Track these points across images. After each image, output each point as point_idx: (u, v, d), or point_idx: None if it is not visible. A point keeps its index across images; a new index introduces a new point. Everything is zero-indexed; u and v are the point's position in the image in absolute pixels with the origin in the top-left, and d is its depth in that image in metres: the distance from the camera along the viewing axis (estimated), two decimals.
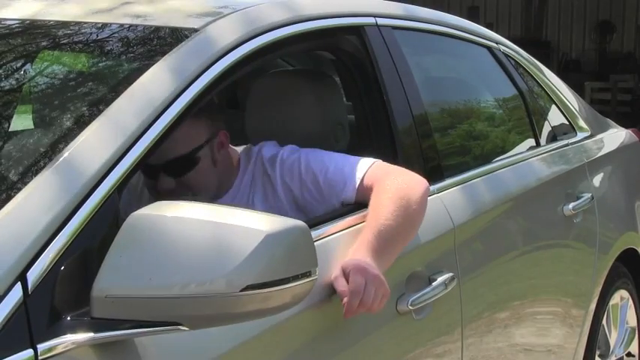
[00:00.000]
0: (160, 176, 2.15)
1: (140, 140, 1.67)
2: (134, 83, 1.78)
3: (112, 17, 2.18)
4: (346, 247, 2.03)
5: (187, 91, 1.82)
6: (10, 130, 2.01)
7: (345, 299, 1.87)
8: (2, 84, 2.12)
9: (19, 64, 2.17)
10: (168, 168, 2.14)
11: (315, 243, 1.71)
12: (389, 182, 2.14)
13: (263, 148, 2.30)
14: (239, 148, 2.36)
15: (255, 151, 2.31)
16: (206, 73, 1.88)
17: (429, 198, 2.37)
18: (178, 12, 2.17)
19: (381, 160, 2.25)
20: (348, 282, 1.89)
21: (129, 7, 2.25)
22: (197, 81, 1.85)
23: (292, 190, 2.23)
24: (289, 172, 2.23)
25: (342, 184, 2.19)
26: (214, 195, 2.24)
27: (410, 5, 2.87)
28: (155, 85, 1.79)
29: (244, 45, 2.01)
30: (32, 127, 1.99)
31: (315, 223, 2.02)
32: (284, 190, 2.24)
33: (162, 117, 1.73)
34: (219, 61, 1.93)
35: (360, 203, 2.17)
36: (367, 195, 2.15)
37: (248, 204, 2.23)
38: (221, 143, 2.26)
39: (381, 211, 2.07)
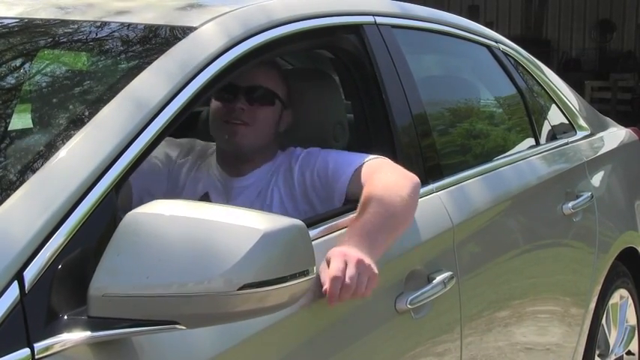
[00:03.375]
0: (238, 96, 2.31)
1: (138, 139, 1.67)
2: (132, 82, 1.78)
3: (109, 15, 2.18)
4: None
5: (186, 89, 1.81)
6: (7, 129, 2.00)
7: (326, 286, 1.84)
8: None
9: (15, 64, 2.17)
10: (250, 91, 2.32)
11: (314, 242, 1.71)
12: (378, 177, 2.17)
13: (299, 148, 2.40)
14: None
15: (293, 149, 2.40)
16: (205, 71, 1.88)
17: (428, 197, 2.38)
18: (175, 10, 2.16)
19: (383, 158, 2.27)
20: None
21: (126, 5, 2.25)
22: (196, 79, 1.85)
23: (305, 180, 2.30)
24: (306, 162, 2.32)
25: (338, 178, 2.23)
26: (245, 161, 2.35)
27: (409, 4, 2.87)
28: (153, 83, 1.79)
29: (243, 43, 2.01)
30: (29, 126, 1.98)
31: (313, 221, 2.02)
32: (298, 181, 2.30)
33: (160, 115, 1.73)
34: (217, 60, 1.93)
35: (352, 198, 2.18)
36: (359, 189, 2.17)
37: (269, 191, 2.31)
38: (287, 116, 2.41)
39: (367, 204, 2.08)
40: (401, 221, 2.14)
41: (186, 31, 1.97)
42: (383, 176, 2.18)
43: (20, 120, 2.07)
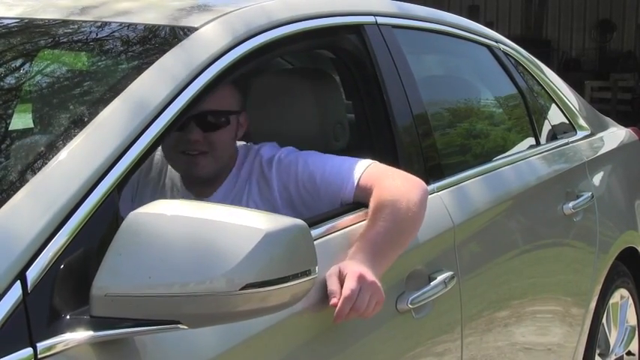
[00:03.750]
0: (190, 126, 2.18)
1: (140, 138, 1.67)
2: (133, 82, 1.78)
3: (109, 14, 2.18)
4: (346, 246, 2.03)
5: (187, 89, 1.82)
6: (9, 129, 2.01)
7: (335, 301, 1.85)
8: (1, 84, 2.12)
9: (16, 64, 2.17)
10: (201, 119, 2.19)
11: (315, 242, 1.71)
12: (387, 184, 2.13)
13: (262, 148, 2.31)
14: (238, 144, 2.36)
15: (254, 149, 2.32)
16: (205, 71, 1.88)
17: (429, 197, 2.37)
18: (177, 10, 2.16)
19: (376, 162, 2.24)
20: (342, 284, 1.87)
21: (125, 5, 2.25)
22: (197, 80, 1.85)
23: (289, 190, 2.22)
24: (286, 171, 2.23)
25: (339, 183, 2.18)
26: (210, 184, 2.27)
27: (410, 4, 2.87)
28: (154, 83, 1.79)
29: (244, 44, 2.01)
30: (31, 126, 1.99)
31: (315, 221, 2.02)
32: (280, 190, 2.23)
33: (162, 115, 1.73)
34: (219, 60, 1.93)
35: (358, 202, 2.17)
36: (365, 195, 2.15)
37: (242, 203, 2.24)
38: (244, 121, 2.32)
39: (379, 214, 2.06)
40: (409, 236, 2.13)
41: (187, 31, 1.97)
42: (391, 184, 2.14)
43: (21, 120, 2.07)
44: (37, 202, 1.50)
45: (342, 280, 1.89)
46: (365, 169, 2.18)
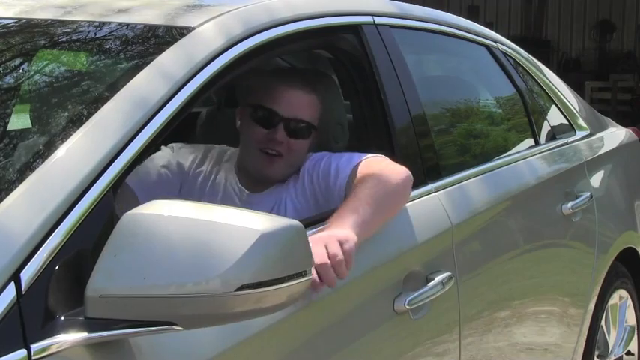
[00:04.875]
0: (278, 127, 2.31)
1: (135, 139, 1.67)
2: (129, 82, 1.77)
3: (108, 14, 2.18)
4: None
5: (183, 89, 1.81)
6: (5, 129, 2.00)
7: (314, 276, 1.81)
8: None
9: (13, 63, 2.17)
10: (291, 123, 2.32)
11: None
12: (372, 168, 2.19)
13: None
14: None
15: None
16: (203, 71, 1.88)
17: (427, 197, 2.38)
18: (174, 9, 2.16)
19: (381, 156, 2.27)
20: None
21: (124, 4, 2.25)
22: (194, 79, 1.85)
23: (313, 186, 2.31)
24: (312, 168, 2.32)
25: (338, 177, 2.24)
26: (267, 183, 2.35)
27: (408, 4, 2.86)
28: (150, 83, 1.79)
29: (241, 43, 2.01)
30: (27, 126, 1.98)
31: (312, 221, 2.01)
32: (308, 187, 2.31)
33: (157, 116, 1.73)
34: (216, 60, 1.92)
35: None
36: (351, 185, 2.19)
37: (282, 201, 2.32)
38: (316, 137, 2.41)
39: (356, 187, 2.11)
40: (390, 202, 2.15)
41: (185, 30, 1.97)
42: (375, 167, 2.21)
43: (18, 120, 2.07)
44: (32, 202, 1.49)
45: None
46: (359, 162, 2.23)
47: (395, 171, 2.20)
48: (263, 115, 2.33)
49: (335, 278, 1.84)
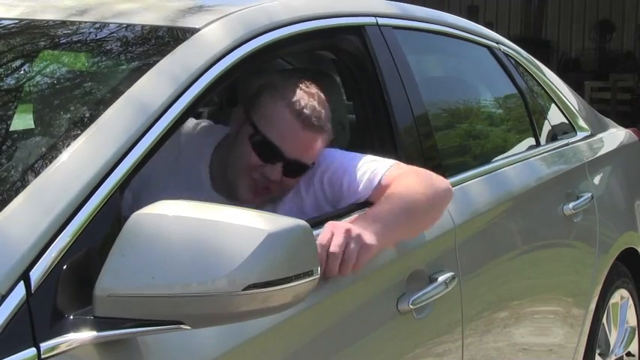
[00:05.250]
0: (276, 164, 2.15)
1: (142, 139, 1.68)
2: (135, 83, 1.78)
3: (110, 15, 2.18)
4: None
5: (188, 90, 1.82)
6: (11, 130, 2.01)
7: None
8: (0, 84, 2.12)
9: (16, 65, 2.18)
10: (290, 165, 2.16)
11: None
12: (404, 181, 2.15)
13: None
14: None
15: None
16: (207, 73, 1.88)
17: None
18: (178, 11, 2.17)
19: (399, 162, 2.26)
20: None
21: (126, 5, 2.26)
22: (198, 81, 1.85)
23: (314, 184, 2.24)
24: (312, 173, 2.24)
25: (360, 186, 2.19)
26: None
27: (410, 5, 2.88)
28: (156, 85, 1.79)
29: (245, 45, 2.01)
30: (33, 127, 1.99)
31: (318, 222, 2.02)
32: (305, 192, 2.25)
33: (164, 116, 1.74)
34: (220, 61, 1.93)
35: (372, 201, 2.17)
36: (382, 193, 2.15)
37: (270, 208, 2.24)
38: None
39: (387, 197, 2.07)
40: (417, 219, 2.13)
41: (189, 32, 1.98)
42: (409, 180, 2.16)
43: (23, 122, 2.08)
44: (41, 203, 1.50)
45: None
46: (385, 171, 2.19)
47: (433, 183, 2.18)
48: (264, 147, 2.15)
49: (335, 273, 1.84)
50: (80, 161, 1.59)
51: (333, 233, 1.86)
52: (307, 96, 2.18)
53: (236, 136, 2.23)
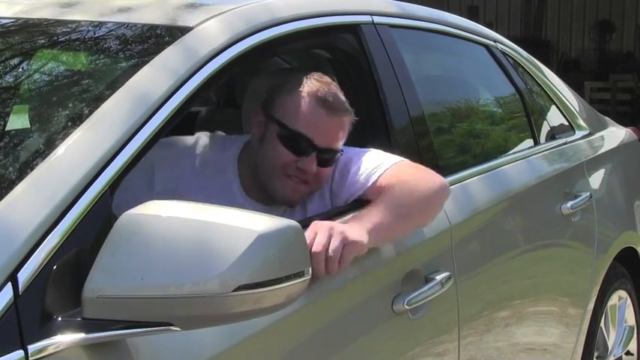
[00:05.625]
0: (311, 157, 2.15)
1: (133, 139, 1.66)
2: (127, 82, 1.77)
3: (107, 13, 2.17)
4: None
5: (181, 89, 1.81)
6: (6, 128, 2.00)
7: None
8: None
9: (14, 63, 2.17)
10: (323, 153, 2.17)
11: None
12: (401, 176, 2.15)
13: None
14: None
15: None
16: (201, 71, 1.88)
17: None
18: (174, 8, 2.16)
19: (404, 160, 2.25)
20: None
21: (124, 3, 2.25)
22: (192, 79, 1.85)
23: (331, 184, 2.24)
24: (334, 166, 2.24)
25: (357, 182, 2.19)
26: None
27: (407, 3, 2.86)
28: (149, 83, 1.78)
29: (240, 43, 2.01)
30: (26, 125, 1.98)
31: (310, 222, 2.01)
32: (329, 189, 2.25)
33: (155, 116, 1.72)
34: (215, 59, 1.92)
35: (367, 198, 2.17)
36: (378, 192, 2.15)
37: (292, 210, 2.24)
38: None
39: (383, 194, 2.07)
40: (416, 211, 2.11)
41: (186, 28, 1.97)
42: (407, 172, 2.16)
43: (17, 119, 2.07)
44: (29, 202, 1.49)
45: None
46: (385, 170, 2.18)
47: (428, 179, 2.18)
48: (295, 141, 2.15)
49: (323, 272, 1.82)
50: (70, 161, 1.58)
51: (316, 233, 1.84)
52: (324, 84, 2.21)
53: (261, 139, 2.22)
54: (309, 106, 2.17)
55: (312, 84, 2.20)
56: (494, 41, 3.37)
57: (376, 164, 2.20)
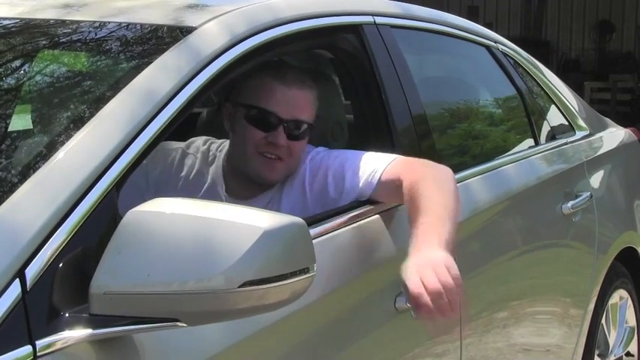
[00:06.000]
0: (278, 131, 2.22)
1: (138, 138, 1.67)
2: (132, 81, 1.78)
3: (110, 14, 2.18)
4: (349, 243, 2.04)
5: (184, 89, 1.82)
6: (8, 128, 2.01)
7: (423, 300, 1.80)
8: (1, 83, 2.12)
9: (15, 64, 2.18)
10: (291, 125, 2.23)
11: (317, 240, 1.71)
12: (414, 169, 2.16)
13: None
14: None
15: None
16: (204, 71, 1.88)
17: None
18: (176, 9, 2.17)
19: (400, 156, 2.26)
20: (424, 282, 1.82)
21: (126, 4, 2.26)
22: (195, 79, 1.85)
23: (318, 181, 2.25)
24: (317, 165, 2.27)
25: (361, 182, 2.20)
26: (260, 188, 2.28)
27: (408, 4, 2.87)
28: (152, 83, 1.79)
29: (242, 43, 2.01)
30: (31, 125, 1.99)
31: (316, 219, 2.02)
32: (310, 185, 2.26)
33: (159, 115, 1.73)
34: (217, 60, 1.93)
35: (375, 200, 2.19)
36: (386, 190, 2.17)
37: (273, 207, 2.24)
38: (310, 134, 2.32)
39: (429, 197, 2.04)
40: (459, 205, 2.11)
41: (189, 28, 1.98)
42: (418, 168, 2.16)
43: (21, 119, 2.08)
44: (37, 200, 1.50)
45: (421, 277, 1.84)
46: (386, 166, 2.19)
47: (442, 172, 2.17)
48: (261, 117, 2.23)
49: (449, 307, 1.81)
50: (76, 158, 1.59)
51: (420, 276, 1.82)
52: (280, 62, 2.31)
53: (233, 128, 2.30)
54: (267, 84, 2.25)
55: (271, 65, 2.31)
56: (495, 42, 3.38)
57: (373, 166, 2.21)
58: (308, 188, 2.27)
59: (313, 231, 1.94)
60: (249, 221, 1.46)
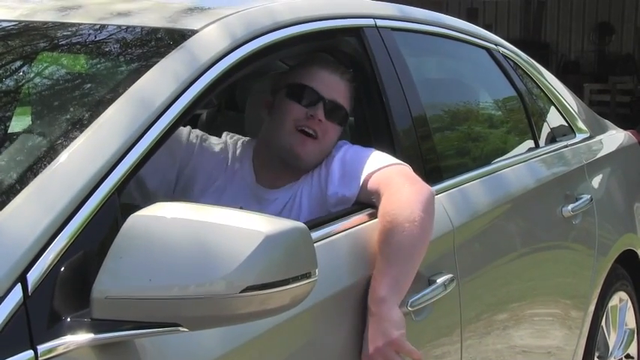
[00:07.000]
0: (318, 106, 2.31)
1: (140, 141, 1.68)
2: (133, 85, 1.78)
3: (110, 17, 2.18)
4: (351, 247, 2.05)
5: (186, 92, 1.82)
6: (9, 131, 2.01)
7: None
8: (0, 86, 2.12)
9: (16, 66, 2.17)
10: (330, 104, 2.33)
11: (318, 244, 1.71)
12: (390, 196, 2.14)
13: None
14: None
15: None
16: (205, 74, 1.88)
17: None
18: (177, 12, 2.17)
19: (401, 165, 2.26)
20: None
21: (126, 7, 2.26)
22: (196, 82, 1.85)
23: (330, 172, 2.29)
24: (331, 162, 2.30)
25: (350, 181, 2.23)
26: (286, 177, 2.34)
27: (409, 7, 2.87)
28: (154, 86, 1.79)
29: (243, 47, 2.02)
30: (31, 128, 1.99)
31: (317, 223, 2.03)
32: (325, 178, 2.29)
33: (161, 118, 1.73)
34: (219, 63, 1.93)
35: (362, 202, 2.20)
36: (370, 197, 2.19)
37: (293, 202, 2.30)
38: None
39: (387, 240, 2.07)
40: (421, 248, 2.12)
41: (189, 32, 1.98)
42: (394, 195, 2.14)
43: (22, 122, 2.08)
44: (38, 204, 1.50)
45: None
46: (375, 171, 2.21)
47: (417, 197, 2.13)
48: (303, 93, 2.32)
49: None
50: (78, 163, 1.59)
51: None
52: (326, 55, 2.48)
53: (270, 113, 2.39)
54: (312, 66, 2.38)
55: (314, 55, 2.47)
56: (495, 44, 3.38)
57: (371, 167, 2.23)
58: (324, 184, 2.29)
59: (318, 234, 1.95)
60: (251, 226, 1.46)
